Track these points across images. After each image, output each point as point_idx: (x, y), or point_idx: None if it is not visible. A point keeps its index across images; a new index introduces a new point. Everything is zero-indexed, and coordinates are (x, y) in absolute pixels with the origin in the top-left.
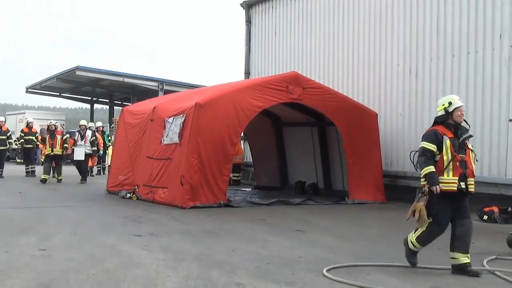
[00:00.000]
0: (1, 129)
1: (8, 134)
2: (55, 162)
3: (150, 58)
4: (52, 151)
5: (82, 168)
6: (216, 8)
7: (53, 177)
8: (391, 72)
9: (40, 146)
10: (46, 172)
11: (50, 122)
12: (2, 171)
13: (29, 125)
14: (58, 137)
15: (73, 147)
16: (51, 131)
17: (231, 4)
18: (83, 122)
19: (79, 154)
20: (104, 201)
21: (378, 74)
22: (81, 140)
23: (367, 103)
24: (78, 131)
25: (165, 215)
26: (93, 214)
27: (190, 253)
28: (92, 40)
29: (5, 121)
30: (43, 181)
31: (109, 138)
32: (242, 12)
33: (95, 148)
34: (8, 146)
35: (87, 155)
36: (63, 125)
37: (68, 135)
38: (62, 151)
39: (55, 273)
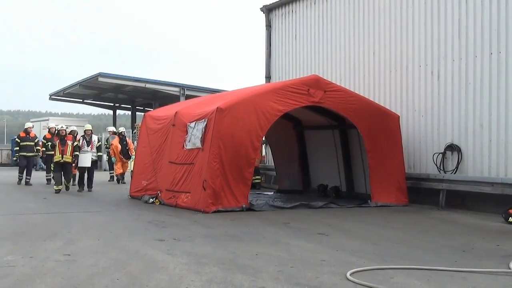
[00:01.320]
0: (29, 135)
1: (36, 141)
2: (64, 170)
3: (171, 63)
4: (62, 158)
5: (89, 175)
6: (236, 13)
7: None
8: (413, 74)
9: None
10: (58, 183)
11: (62, 127)
12: (29, 179)
13: (50, 131)
14: (69, 143)
15: (77, 153)
16: (61, 137)
17: (251, 9)
18: (88, 126)
19: (85, 160)
20: (128, 206)
21: (400, 76)
22: (87, 146)
23: (389, 106)
24: (83, 136)
25: (188, 219)
26: (117, 219)
27: (213, 257)
28: (111, 46)
29: (33, 127)
30: (58, 191)
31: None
32: (262, 16)
33: (101, 154)
34: (36, 153)
35: (93, 162)
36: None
37: (79, 141)
38: (72, 159)
39: (80, 278)
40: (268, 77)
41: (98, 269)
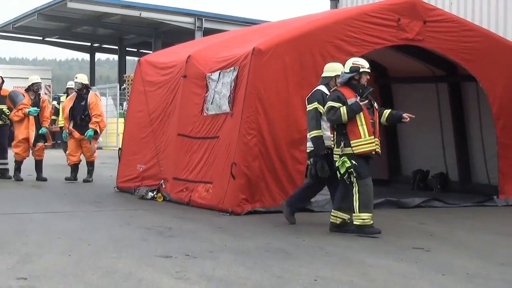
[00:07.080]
0: None
1: None
2: None
3: None
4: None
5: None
6: None
7: None
8: None
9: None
10: None
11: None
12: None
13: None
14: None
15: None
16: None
17: None
18: None
19: None
20: (114, 203)
21: None
22: None
23: None
24: None
25: (208, 224)
26: (98, 224)
27: (248, 284)
28: None
29: None
30: None
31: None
32: None
33: None
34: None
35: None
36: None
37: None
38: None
39: None
40: (334, 0)
41: None
